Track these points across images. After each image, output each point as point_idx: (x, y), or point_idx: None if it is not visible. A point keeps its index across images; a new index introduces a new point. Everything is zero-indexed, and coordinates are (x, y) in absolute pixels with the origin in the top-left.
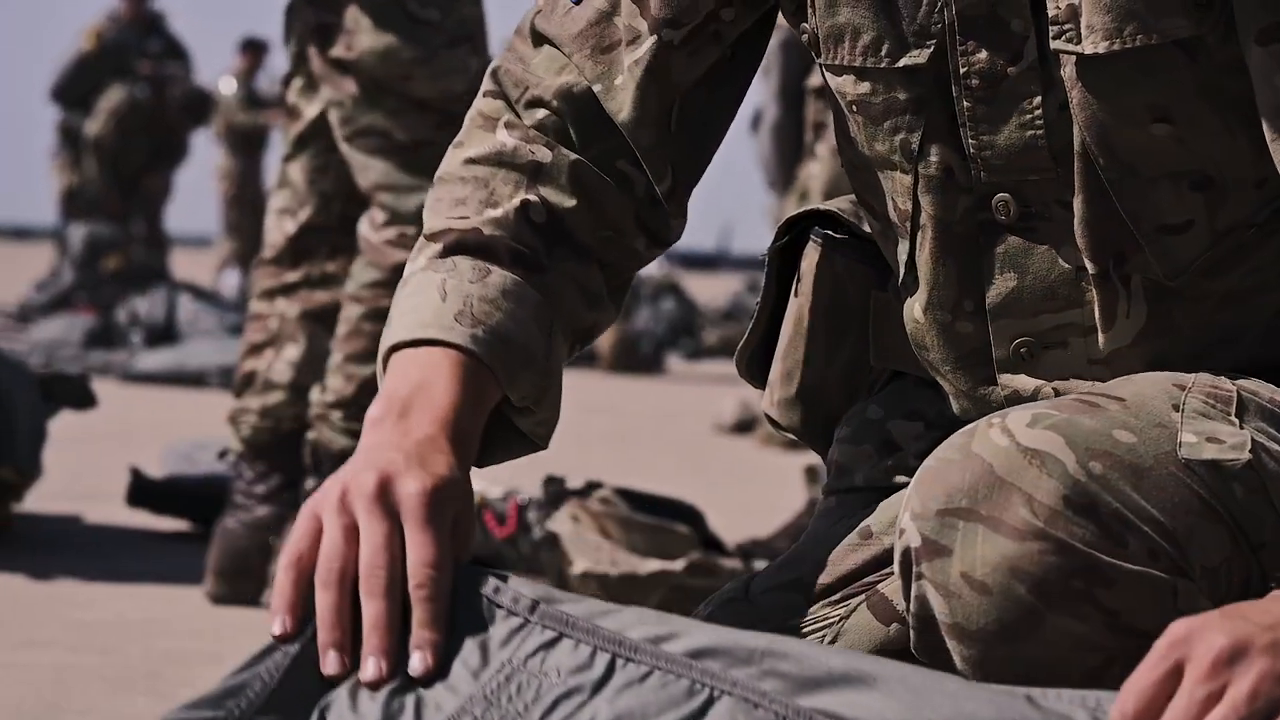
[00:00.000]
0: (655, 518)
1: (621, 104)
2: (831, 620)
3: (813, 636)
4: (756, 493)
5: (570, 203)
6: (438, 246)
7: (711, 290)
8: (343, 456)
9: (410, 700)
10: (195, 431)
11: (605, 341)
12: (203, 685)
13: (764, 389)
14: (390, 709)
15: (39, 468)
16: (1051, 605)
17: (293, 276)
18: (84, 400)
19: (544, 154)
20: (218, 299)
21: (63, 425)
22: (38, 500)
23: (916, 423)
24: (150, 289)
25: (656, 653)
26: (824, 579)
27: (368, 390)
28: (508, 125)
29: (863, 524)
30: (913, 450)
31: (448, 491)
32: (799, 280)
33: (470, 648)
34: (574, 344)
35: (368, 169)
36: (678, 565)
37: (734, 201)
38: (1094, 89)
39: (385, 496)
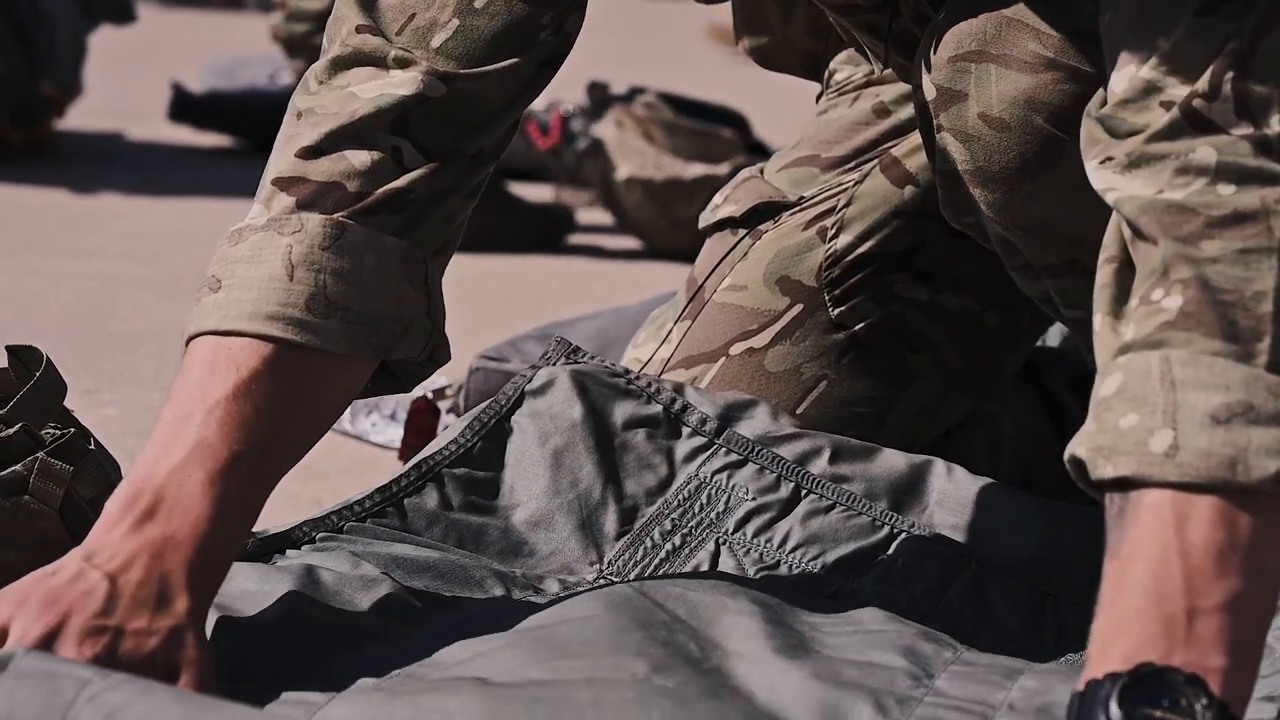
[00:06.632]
0: (700, 122)
1: None
2: (845, 186)
3: (826, 201)
4: (797, 106)
5: (450, 124)
6: (288, 200)
7: None
8: None
9: (611, 505)
10: (233, 51)
11: None
12: None
13: None
14: (585, 509)
15: (80, 84)
16: (1070, 132)
17: None
18: (123, 13)
19: (436, 87)
20: None
21: (103, 44)
22: (80, 117)
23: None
24: None
25: (839, 490)
26: (837, 151)
27: None
28: (399, 61)
29: (875, 101)
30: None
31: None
32: None
33: (657, 461)
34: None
35: None
36: (722, 169)
37: None
38: None
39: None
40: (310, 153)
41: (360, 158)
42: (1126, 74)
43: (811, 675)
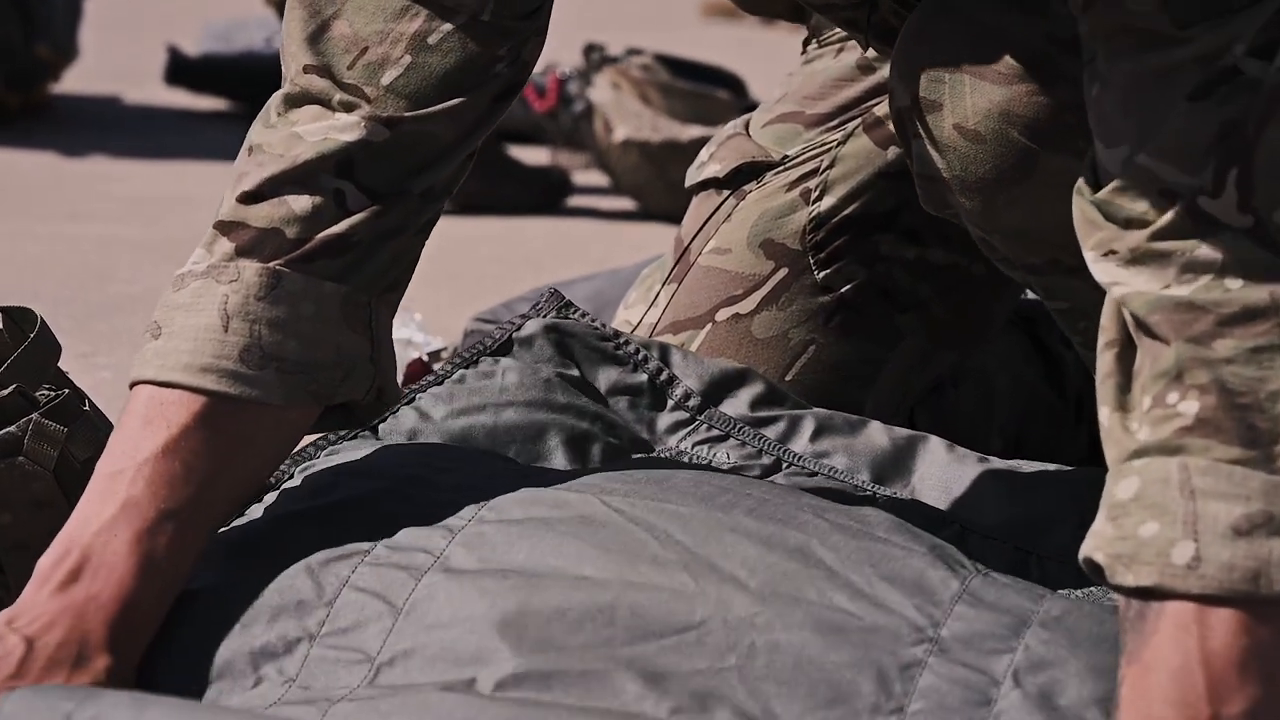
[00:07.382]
0: (696, 83)
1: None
2: (828, 146)
3: (810, 162)
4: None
5: (395, 165)
6: (228, 246)
7: None
8: None
9: (599, 439)
10: (229, 15)
11: None
12: None
13: None
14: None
15: (76, 48)
16: (1044, 144)
17: None
18: None
19: (379, 132)
20: None
21: (98, 7)
22: (76, 81)
23: None
24: None
25: (820, 465)
26: (821, 108)
27: None
28: (344, 105)
29: (857, 57)
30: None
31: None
32: None
33: (639, 429)
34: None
35: None
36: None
37: None
38: None
39: None
40: (250, 198)
41: (300, 202)
42: (1119, 155)
43: (813, 628)
